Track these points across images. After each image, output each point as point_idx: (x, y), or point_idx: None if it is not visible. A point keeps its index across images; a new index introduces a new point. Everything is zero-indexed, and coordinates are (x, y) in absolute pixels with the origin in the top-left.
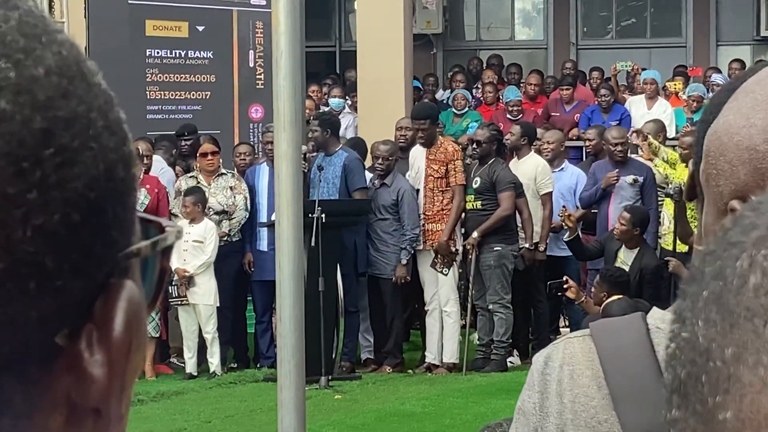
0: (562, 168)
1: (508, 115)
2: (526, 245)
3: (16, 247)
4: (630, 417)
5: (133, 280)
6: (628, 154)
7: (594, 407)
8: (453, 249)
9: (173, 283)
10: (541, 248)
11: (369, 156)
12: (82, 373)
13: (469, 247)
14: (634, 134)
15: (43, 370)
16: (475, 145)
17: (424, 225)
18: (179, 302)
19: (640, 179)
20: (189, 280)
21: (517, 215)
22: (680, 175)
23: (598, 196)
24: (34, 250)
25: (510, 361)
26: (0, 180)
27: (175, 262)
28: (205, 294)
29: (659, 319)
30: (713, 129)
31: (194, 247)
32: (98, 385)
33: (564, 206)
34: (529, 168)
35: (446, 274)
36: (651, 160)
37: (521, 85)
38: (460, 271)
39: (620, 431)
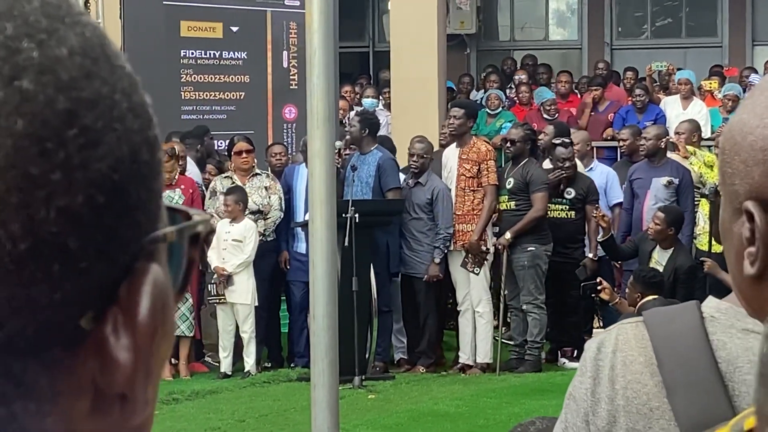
0: (592, 167)
1: (545, 115)
2: (590, 255)
3: (39, 228)
4: (683, 406)
5: (160, 265)
6: (666, 154)
7: (646, 394)
8: (484, 248)
9: (212, 282)
10: (590, 255)
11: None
12: (108, 357)
13: (500, 247)
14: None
15: (67, 354)
16: (508, 144)
17: (454, 225)
18: (217, 300)
19: (675, 181)
20: (227, 279)
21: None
22: (716, 175)
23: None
24: (58, 231)
25: (562, 361)
26: (23, 160)
27: (214, 261)
28: (244, 293)
29: (714, 308)
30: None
31: (233, 246)
32: (124, 370)
33: (597, 206)
34: None
35: (477, 274)
36: (687, 158)
37: (551, 84)
38: (491, 272)
39: (672, 419)
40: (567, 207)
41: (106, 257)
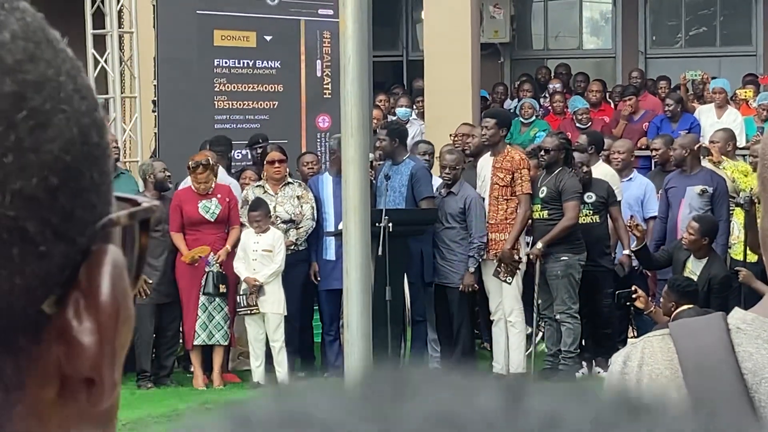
0: (631, 178)
1: (578, 124)
2: (626, 252)
3: None
4: None
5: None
6: (700, 163)
7: None
8: (517, 257)
9: (241, 293)
10: (626, 252)
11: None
12: (72, 341)
13: (533, 257)
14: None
15: (31, 341)
16: (543, 153)
17: (488, 234)
18: (249, 311)
19: (710, 190)
20: (259, 289)
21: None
22: (751, 183)
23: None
24: (15, 214)
25: (582, 373)
26: None
27: (243, 272)
28: (276, 302)
29: (740, 319)
30: (766, 136)
31: (263, 257)
32: (89, 353)
33: (632, 216)
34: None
35: (510, 283)
36: (719, 162)
37: (585, 94)
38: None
39: None
40: (591, 211)
41: (64, 239)
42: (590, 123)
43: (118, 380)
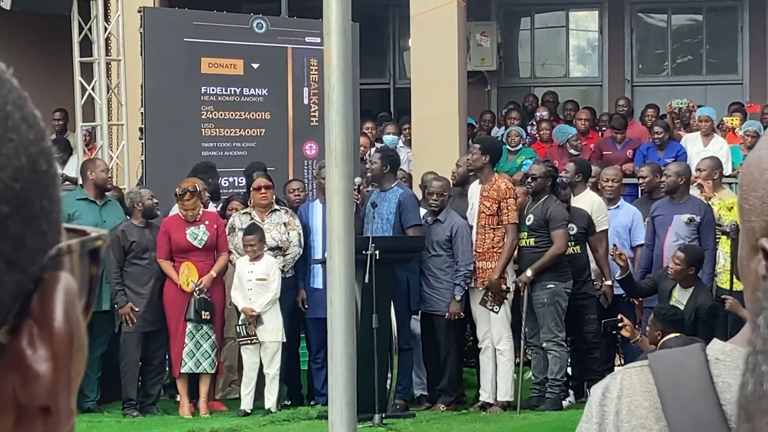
0: (618, 206)
1: (571, 150)
2: (608, 282)
3: None
4: None
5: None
6: (688, 191)
7: None
8: (504, 287)
9: (240, 322)
10: (608, 283)
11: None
12: (27, 370)
13: (521, 285)
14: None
15: None
16: (529, 180)
17: (475, 262)
18: (249, 341)
19: (697, 219)
20: (257, 319)
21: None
22: (735, 216)
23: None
24: None
25: (569, 401)
26: None
27: (240, 302)
28: (274, 331)
29: (719, 350)
30: (746, 163)
31: (258, 285)
32: (44, 381)
33: (615, 245)
34: (584, 205)
35: (497, 312)
36: (709, 198)
37: (573, 122)
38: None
39: None
40: (573, 242)
41: (15, 268)
42: (580, 151)
43: (73, 408)
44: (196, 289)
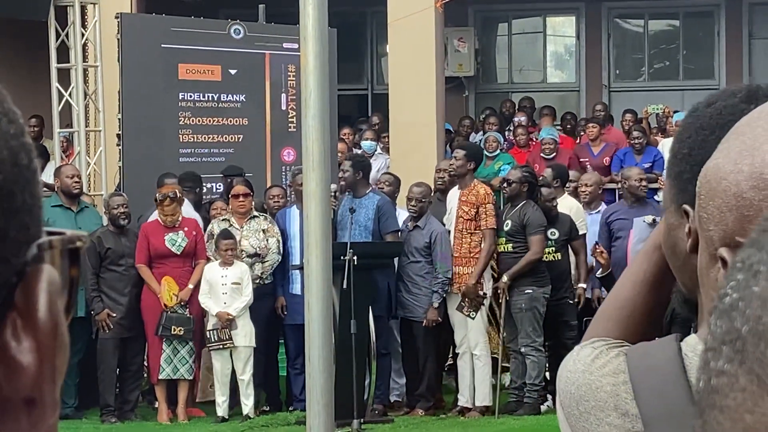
0: (598, 210)
1: (541, 154)
2: (583, 285)
3: None
4: None
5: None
6: (648, 196)
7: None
8: (481, 292)
9: (210, 327)
10: (582, 286)
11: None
12: (11, 362)
13: (499, 291)
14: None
15: None
16: (506, 184)
17: (452, 267)
18: (221, 345)
19: (659, 219)
20: (230, 323)
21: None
22: None
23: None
24: None
25: (547, 405)
26: None
27: (213, 307)
28: (247, 335)
29: (691, 346)
30: (704, 171)
31: (233, 290)
32: (29, 372)
33: (596, 243)
34: (562, 210)
35: (473, 318)
36: None
37: (555, 125)
38: (488, 314)
39: None
40: (554, 249)
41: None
42: (555, 154)
43: (58, 400)
44: (179, 303)
